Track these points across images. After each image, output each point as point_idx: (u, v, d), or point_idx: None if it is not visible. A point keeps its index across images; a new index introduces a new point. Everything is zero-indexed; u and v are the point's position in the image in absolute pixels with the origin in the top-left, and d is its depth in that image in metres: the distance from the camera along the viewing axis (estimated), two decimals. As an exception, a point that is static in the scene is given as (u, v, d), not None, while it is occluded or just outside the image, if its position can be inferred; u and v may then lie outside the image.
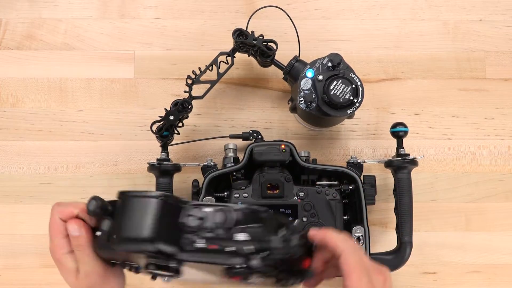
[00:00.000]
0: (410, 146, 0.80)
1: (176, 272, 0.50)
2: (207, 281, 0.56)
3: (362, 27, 0.84)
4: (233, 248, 0.48)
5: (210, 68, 0.73)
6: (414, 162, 0.72)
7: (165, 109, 0.71)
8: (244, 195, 0.69)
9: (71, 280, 0.55)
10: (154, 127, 0.71)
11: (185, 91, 0.72)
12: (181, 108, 0.71)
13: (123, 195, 0.50)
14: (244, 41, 0.71)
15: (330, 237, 0.52)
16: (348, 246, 0.51)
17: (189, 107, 0.72)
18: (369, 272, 0.51)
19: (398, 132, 0.73)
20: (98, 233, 0.51)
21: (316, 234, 0.53)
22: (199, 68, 0.72)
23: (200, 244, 0.48)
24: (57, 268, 0.56)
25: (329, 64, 0.69)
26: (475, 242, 0.79)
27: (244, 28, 0.72)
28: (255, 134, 0.75)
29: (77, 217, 0.53)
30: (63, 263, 0.54)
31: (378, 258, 0.70)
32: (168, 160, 0.72)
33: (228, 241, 0.48)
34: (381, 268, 0.53)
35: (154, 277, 0.53)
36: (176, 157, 0.79)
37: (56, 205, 0.54)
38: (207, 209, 0.49)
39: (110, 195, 0.78)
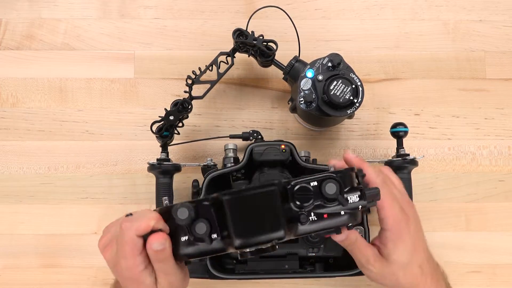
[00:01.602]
0: (410, 146, 0.80)
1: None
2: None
3: (362, 27, 0.84)
4: (347, 210, 0.50)
5: (210, 68, 0.73)
6: (414, 162, 0.72)
7: (165, 109, 0.71)
8: None
9: None
10: (154, 127, 0.71)
11: (185, 91, 0.72)
12: (181, 108, 0.71)
13: (233, 194, 0.48)
14: (244, 41, 0.71)
15: (366, 167, 0.55)
16: (380, 179, 0.54)
17: (189, 107, 0.72)
18: (398, 201, 0.54)
19: (398, 132, 0.73)
20: (184, 239, 0.49)
21: (352, 159, 0.56)
22: (199, 68, 0.72)
23: (316, 216, 0.50)
24: (130, 286, 0.51)
25: (329, 64, 0.69)
26: (475, 242, 0.78)
27: (244, 28, 0.72)
28: (255, 134, 0.75)
29: (153, 229, 0.48)
30: (141, 281, 0.50)
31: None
32: (168, 160, 0.72)
33: (343, 204, 0.50)
34: (407, 198, 0.57)
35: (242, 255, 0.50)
36: (176, 157, 0.79)
37: (125, 221, 0.49)
38: (313, 183, 0.50)
39: (110, 195, 0.79)
